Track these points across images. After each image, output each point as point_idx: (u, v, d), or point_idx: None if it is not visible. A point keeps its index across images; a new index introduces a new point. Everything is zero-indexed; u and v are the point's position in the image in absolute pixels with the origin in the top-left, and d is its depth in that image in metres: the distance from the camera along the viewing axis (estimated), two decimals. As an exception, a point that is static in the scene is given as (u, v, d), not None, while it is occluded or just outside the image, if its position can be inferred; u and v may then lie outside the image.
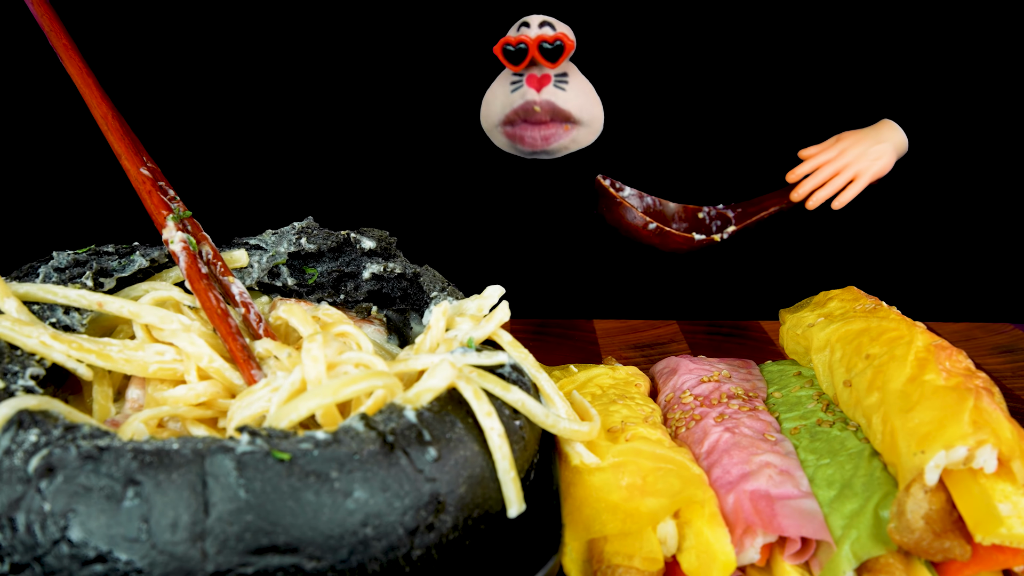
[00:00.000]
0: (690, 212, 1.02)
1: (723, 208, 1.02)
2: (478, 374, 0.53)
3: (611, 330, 1.03)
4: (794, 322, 0.78)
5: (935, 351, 0.62)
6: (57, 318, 0.58)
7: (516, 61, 1.01)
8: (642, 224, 0.95)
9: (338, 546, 0.42)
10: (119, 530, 0.41)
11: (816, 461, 0.60)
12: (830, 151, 0.98)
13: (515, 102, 1.04)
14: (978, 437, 0.51)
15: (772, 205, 1.00)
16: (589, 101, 1.05)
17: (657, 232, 0.95)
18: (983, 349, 0.98)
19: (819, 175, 0.97)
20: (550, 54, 1.00)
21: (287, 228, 0.72)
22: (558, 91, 1.03)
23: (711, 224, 1.02)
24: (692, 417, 0.66)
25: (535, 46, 1.00)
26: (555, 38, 0.99)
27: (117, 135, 0.67)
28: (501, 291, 0.63)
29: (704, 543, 0.53)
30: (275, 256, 0.70)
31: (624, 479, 0.55)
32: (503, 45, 1.01)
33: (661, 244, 0.97)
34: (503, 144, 1.08)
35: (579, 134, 1.06)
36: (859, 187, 0.97)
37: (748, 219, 1.00)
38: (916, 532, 0.50)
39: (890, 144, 0.98)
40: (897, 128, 0.99)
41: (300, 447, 0.44)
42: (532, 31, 1.01)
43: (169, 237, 0.63)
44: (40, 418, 0.45)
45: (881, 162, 0.98)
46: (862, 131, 1.00)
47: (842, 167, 0.97)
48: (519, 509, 0.49)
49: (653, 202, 1.02)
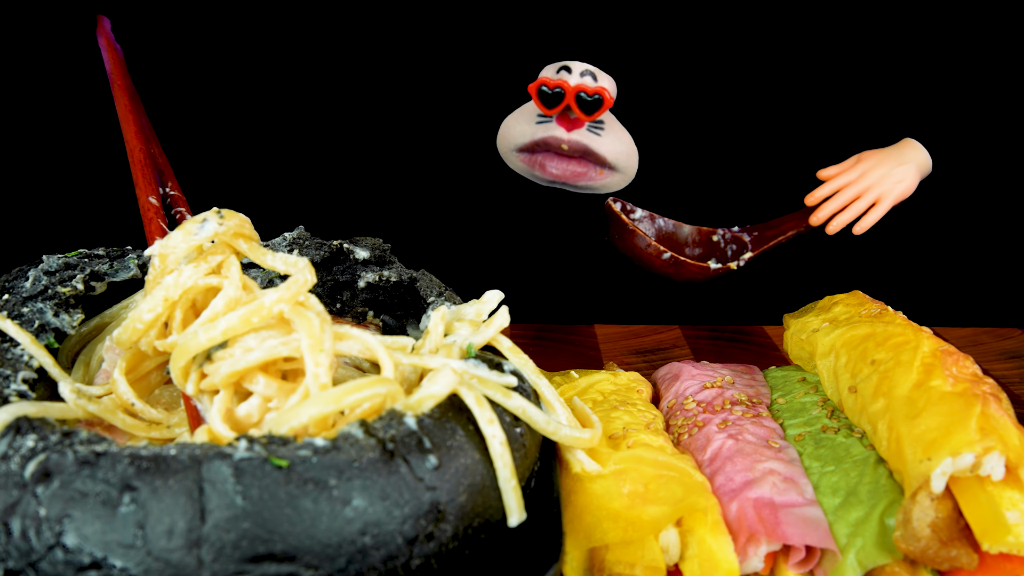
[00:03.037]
0: (704, 235, 1.00)
1: (738, 231, 0.99)
2: (479, 380, 0.53)
3: (612, 335, 1.02)
4: (798, 327, 0.77)
5: (941, 356, 0.61)
6: (46, 321, 0.58)
7: (550, 105, 0.96)
8: (655, 253, 0.92)
9: (336, 555, 0.42)
10: (115, 536, 0.41)
11: (821, 468, 0.59)
12: (851, 172, 0.94)
13: (537, 134, 0.99)
14: (985, 444, 0.51)
15: (790, 229, 0.97)
16: (627, 149, 1.00)
17: (672, 262, 0.92)
18: (990, 354, 0.97)
19: (840, 198, 0.93)
20: (588, 106, 0.95)
21: (278, 240, 0.72)
22: (592, 135, 0.98)
23: (726, 248, 0.99)
24: (695, 424, 0.66)
25: (572, 95, 0.94)
26: (595, 91, 0.94)
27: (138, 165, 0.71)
28: (500, 296, 0.63)
29: (707, 552, 0.52)
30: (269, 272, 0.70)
31: (626, 487, 0.55)
32: (540, 85, 0.95)
33: (675, 274, 0.94)
34: (520, 168, 1.04)
35: (611, 180, 1.01)
36: (882, 211, 0.93)
37: (765, 244, 0.97)
38: (922, 540, 0.50)
39: (913, 165, 0.94)
40: (920, 148, 0.95)
41: (298, 454, 0.43)
42: (572, 78, 0.96)
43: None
44: (37, 423, 0.45)
45: (904, 184, 0.93)
46: (884, 151, 0.96)
47: (864, 189, 0.92)
48: (520, 518, 0.48)
49: (665, 224, 0.99)
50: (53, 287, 0.61)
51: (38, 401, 0.49)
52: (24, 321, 0.57)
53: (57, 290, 0.61)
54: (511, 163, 1.04)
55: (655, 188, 1.06)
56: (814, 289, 0.88)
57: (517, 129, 1.01)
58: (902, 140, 0.97)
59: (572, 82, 0.95)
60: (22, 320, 0.58)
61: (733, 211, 1.10)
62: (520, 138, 1.01)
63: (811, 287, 0.93)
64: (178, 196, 0.75)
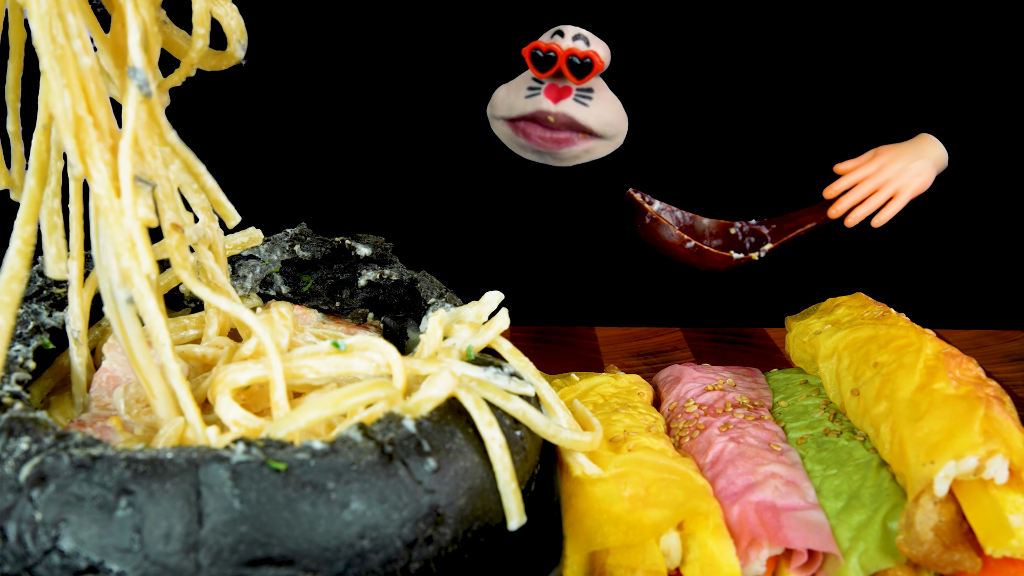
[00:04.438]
0: (722, 228, 0.99)
1: (756, 224, 0.99)
2: (478, 383, 0.53)
3: (613, 337, 1.02)
4: (800, 329, 0.77)
5: (945, 359, 0.61)
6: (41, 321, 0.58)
7: (543, 68, 0.97)
8: (679, 242, 0.92)
9: (334, 559, 0.42)
10: (111, 540, 0.40)
11: (823, 471, 0.59)
12: (869, 166, 0.94)
13: (525, 108, 1.01)
14: (989, 447, 0.51)
15: (808, 221, 0.97)
16: (615, 117, 1.01)
17: (695, 251, 0.92)
18: (994, 357, 0.97)
19: (858, 191, 0.94)
20: (578, 70, 0.96)
21: (280, 235, 0.72)
22: (578, 105, 0.99)
23: (744, 241, 0.99)
24: (696, 427, 0.65)
25: (564, 58, 0.96)
26: (586, 55, 0.95)
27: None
28: (500, 297, 0.63)
29: (708, 556, 0.52)
30: (268, 265, 0.69)
31: (627, 490, 0.55)
32: (532, 48, 0.97)
33: (699, 263, 0.94)
34: (505, 136, 1.05)
35: (595, 146, 1.03)
36: (899, 204, 0.94)
37: (784, 236, 0.97)
38: (925, 544, 0.50)
39: (930, 160, 0.95)
40: (937, 143, 0.96)
41: (296, 457, 0.43)
42: (565, 42, 0.97)
43: None
44: (31, 425, 0.44)
45: (921, 179, 0.94)
46: (901, 145, 0.96)
47: (882, 183, 0.93)
48: (520, 521, 0.48)
49: (683, 216, 0.99)
50: (48, 287, 0.61)
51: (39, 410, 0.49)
52: (19, 322, 0.57)
53: (52, 290, 0.61)
54: (496, 129, 1.06)
55: (645, 155, 1.06)
56: (816, 291, 0.88)
57: (505, 102, 1.03)
58: (919, 135, 0.98)
59: (564, 45, 0.97)
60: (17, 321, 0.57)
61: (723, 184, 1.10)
62: (508, 111, 1.03)
63: (813, 289, 0.92)
64: None
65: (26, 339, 0.56)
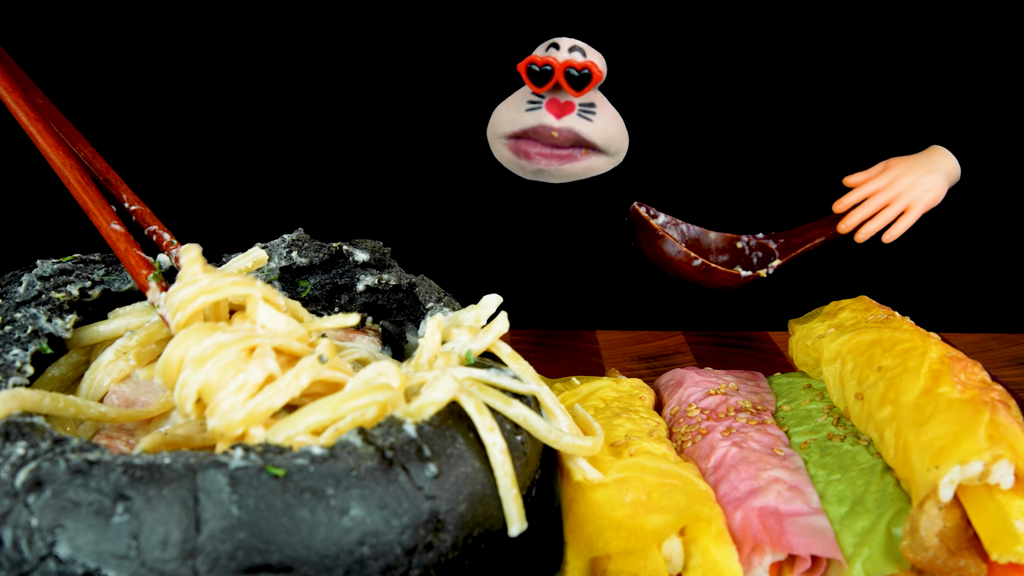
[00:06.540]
0: (729, 242, 0.97)
1: (763, 238, 0.96)
2: (479, 387, 0.52)
3: (614, 341, 1.01)
4: (804, 333, 0.77)
5: (949, 363, 0.61)
6: (39, 326, 0.57)
7: (539, 83, 0.96)
8: (686, 260, 0.88)
9: (333, 565, 0.41)
10: (108, 547, 0.40)
11: (827, 476, 0.59)
12: (880, 179, 0.92)
13: (527, 122, 0.99)
14: (994, 452, 0.50)
15: (817, 236, 0.94)
16: (617, 132, 0.99)
17: (702, 269, 0.89)
18: (999, 361, 0.96)
19: (869, 205, 0.91)
20: (576, 82, 0.95)
21: (277, 241, 0.72)
22: (583, 121, 0.97)
23: (751, 255, 0.96)
24: (698, 431, 0.65)
25: (561, 71, 0.94)
26: (583, 66, 0.94)
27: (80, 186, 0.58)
28: (499, 300, 0.62)
29: (711, 561, 0.51)
30: (268, 274, 0.69)
31: (628, 495, 0.54)
32: (528, 64, 0.95)
33: (706, 281, 0.91)
34: (505, 157, 1.04)
35: (597, 163, 1.01)
36: (911, 219, 0.91)
37: (793, 251, 0.94)
38: (930, 550, 0.50)
39: (942, 173, 0.92)
40: (949, 155, 0.94)
41: (295, 463, 0.43)
42: (561, 54, 0.96)
43: (155, 300, 0.56)
44: (27, 430, 0.44)
45: (933, 192, 0.91)
46: (911, 158, 0.94)
47: (893, 197, 0.91)
48: (521, 527, 0.48)
49: (688, 230, 0.96)
50: (47, 292, 0.61)
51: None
52: (17, 326, 0.57)
53: (51, 295, 0.61)
54: (497, 152, 1.04)
55: (646, 169, 1.05)
56: (820, 294, 0.88)
57: (506, 117, 1.00)
58: (930, 147, 0.96)
59: (560, 58, 0.95)
60: (15, 325, 0.57)
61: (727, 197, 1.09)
62: (509, 125, 1.00)
63: (817, 292, 0.92)
64: (142, 210, 0.64)
65: (24, 343, 0.55)
